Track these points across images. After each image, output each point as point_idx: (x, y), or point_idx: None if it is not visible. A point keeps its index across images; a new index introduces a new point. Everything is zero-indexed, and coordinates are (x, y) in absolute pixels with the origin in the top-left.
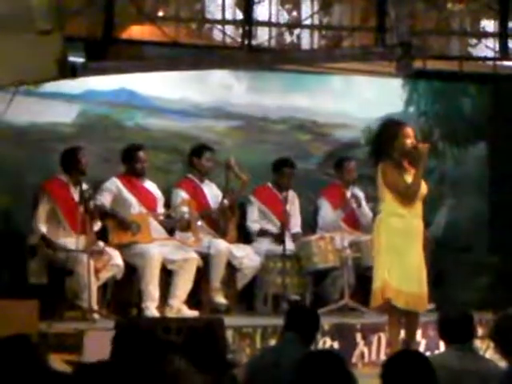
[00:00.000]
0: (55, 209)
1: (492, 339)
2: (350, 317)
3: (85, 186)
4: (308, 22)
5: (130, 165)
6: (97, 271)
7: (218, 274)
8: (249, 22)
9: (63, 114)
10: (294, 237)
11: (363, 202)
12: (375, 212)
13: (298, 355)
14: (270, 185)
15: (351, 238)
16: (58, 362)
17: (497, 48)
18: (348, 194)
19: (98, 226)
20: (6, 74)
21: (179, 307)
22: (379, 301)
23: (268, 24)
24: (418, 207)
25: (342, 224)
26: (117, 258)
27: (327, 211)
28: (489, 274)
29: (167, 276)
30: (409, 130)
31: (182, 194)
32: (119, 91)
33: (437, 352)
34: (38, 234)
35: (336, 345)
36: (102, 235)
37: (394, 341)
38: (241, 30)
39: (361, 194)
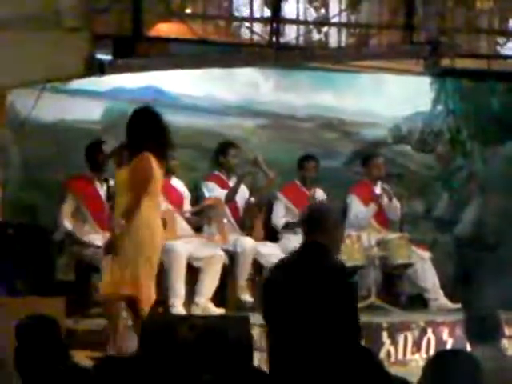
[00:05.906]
0: (80, 206)
1: None
2: (376, 316)
3: (112, 183)
4: (336, 19)
5: None
6: None
7: (244, 271)
8: (277, 20)
9: (90, 112)
10: None
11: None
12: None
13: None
14: (297, 182)
15: (378, 237)
16: (82, 359)
17: None
18: (377, 190)
19: None
20: (35, 71)
21: (205, 305)
22: None
23: (296, 22)
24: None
25: (373, 221)
26: None
27: (358, 207)
28: None
29: (193, 273)
30: None
31: (212, 186)
32: (146, 89)
33: None
34: (63, 230)
35: (362, 344)
36: None
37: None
38: (269, 28)
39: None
